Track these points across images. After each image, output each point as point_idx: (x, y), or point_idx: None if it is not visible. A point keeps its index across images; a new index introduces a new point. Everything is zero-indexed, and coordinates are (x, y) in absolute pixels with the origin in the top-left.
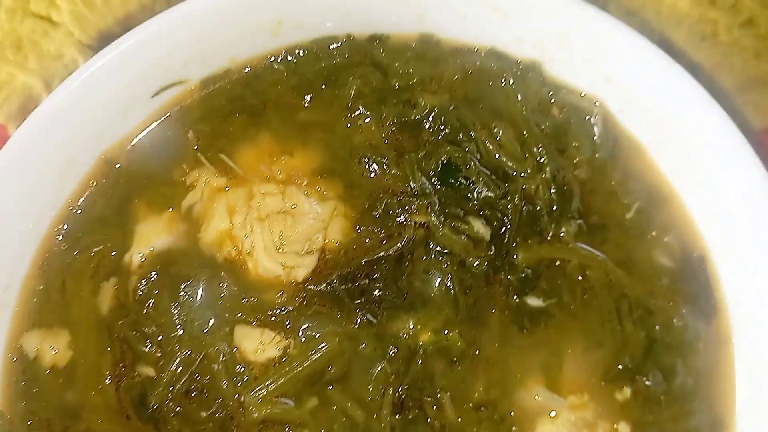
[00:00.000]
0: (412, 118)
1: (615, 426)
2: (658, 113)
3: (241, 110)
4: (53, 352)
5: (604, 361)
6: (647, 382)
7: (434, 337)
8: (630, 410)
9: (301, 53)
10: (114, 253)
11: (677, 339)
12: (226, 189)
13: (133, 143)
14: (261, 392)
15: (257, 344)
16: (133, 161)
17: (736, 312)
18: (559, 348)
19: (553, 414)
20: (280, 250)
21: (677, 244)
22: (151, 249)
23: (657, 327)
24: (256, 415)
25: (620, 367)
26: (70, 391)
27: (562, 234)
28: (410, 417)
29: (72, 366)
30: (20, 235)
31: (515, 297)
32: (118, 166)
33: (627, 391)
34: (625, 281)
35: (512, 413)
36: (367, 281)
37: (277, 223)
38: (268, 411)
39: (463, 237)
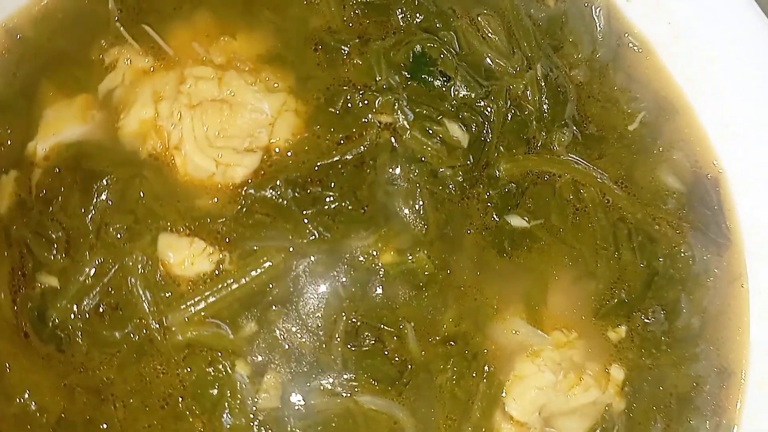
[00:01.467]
0: None
1: (606, 369)
2: (672, 4)
3: None
4: None
5: (597, 293)
6: (646, 320)
7: (398, 258)
8: (624, 352)
9: None
10: (14, 141)
11: (682, 272)
12: (152, 70)
13: (39, 8)
14: (187, 311)
15: (185, 256)
16: (41, 33)
17: (752, 244)
18: (544, 276)
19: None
20: (215, 144)
21: (687, 162)
22: (60, 139)
23: (660, 257)
24: (180, 338)
25: (615, 301)
26: None
27: (553, 145)
28: (366, 349)
29: None
30: None
31: (495, 215)
32: (19, 36)
33: (622, 330)
34: (625, 203)
35: (486, 350)
36: (320, 189)
37: (212, 113)
38: (195, 334)
39: (435, 141)
